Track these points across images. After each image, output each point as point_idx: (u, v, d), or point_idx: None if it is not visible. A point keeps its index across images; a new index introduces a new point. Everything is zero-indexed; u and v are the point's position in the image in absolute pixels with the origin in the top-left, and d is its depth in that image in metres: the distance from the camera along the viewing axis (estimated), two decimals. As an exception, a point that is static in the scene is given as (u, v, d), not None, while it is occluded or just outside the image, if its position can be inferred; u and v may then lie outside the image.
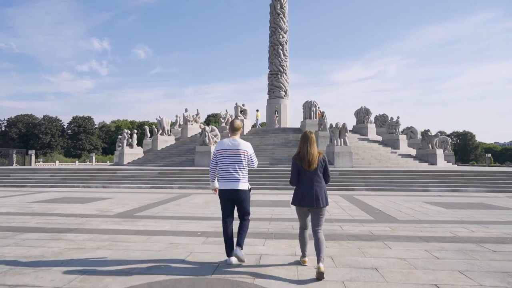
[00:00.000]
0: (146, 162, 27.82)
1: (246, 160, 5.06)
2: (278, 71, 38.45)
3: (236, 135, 5.20)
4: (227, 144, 5.05)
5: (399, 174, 19.76)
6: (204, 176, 20.13)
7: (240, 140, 5.11)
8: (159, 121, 32.40)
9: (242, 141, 5.13)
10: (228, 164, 4.96)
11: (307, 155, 4.72)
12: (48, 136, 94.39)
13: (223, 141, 5.14)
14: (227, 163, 4.97)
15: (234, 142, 5.07)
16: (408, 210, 10.84)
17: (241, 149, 5.02)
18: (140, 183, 19.30)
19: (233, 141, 5.08)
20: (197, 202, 12.76)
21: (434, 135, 28.29)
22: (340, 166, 23.26)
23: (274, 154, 26.06)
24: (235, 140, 5.10)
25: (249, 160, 5.11)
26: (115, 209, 10.92)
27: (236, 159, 4.98)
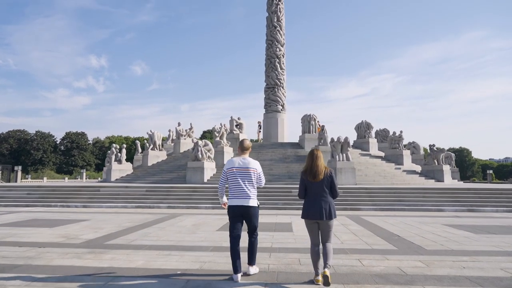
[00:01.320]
0: (135, 179, 26.06)
1: (256, 178, 5.25)
2: (275, 84, 37.14)
3: (246, 154, 5.41)
4: (237, 163, 5.24)
5: (408, 192, 18.16)
6: (196, 194, 18.42)
7: (249, 159, 5.32)
8: (150, 136, 30.76)
9: (251, 159, 5.33)
10: (239, 182, 5.13)
11: (312, 167, 4.92)
12: (40, 152, 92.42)
13: (233, 159, 5.33)
14: (237, 180, 5.14)
15: (244, 160, 5.27)
16: (431, 236, 9.21)
17: (251, 167, 5.23)
18: (125, 202, 17.54)
19: (243, 160, 5.28)
20: (184, 225, 11.06)
21: (440, 150, 26.87)
22: (343, 183, 21.65)
23: (271, 170, 24.44)
24: (245, 158, 5.30)
25: (258, 178, 5.28)
26: (86, 234, 9.20)
27: (246, 177, 5.17)
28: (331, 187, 4.95)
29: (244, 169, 5.18)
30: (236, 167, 5.19)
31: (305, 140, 28.91)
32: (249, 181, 5.17)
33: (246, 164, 5.22)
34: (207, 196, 18.05)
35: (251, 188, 5.16)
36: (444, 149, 26.91)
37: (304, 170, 5.04)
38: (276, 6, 38.85)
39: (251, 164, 5.26)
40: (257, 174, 5.27)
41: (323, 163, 5.00)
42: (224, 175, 5.31)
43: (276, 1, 39.03)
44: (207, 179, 23.17)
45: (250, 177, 5.18)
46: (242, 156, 5.36)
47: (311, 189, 4.91)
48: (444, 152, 26.83)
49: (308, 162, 5.04)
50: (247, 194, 5.10)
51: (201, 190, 18.94)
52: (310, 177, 4.89)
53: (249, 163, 5.24)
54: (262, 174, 5.35)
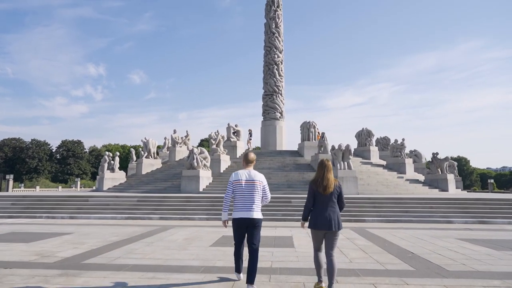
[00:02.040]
0: (128, 188, 25.04)
1: (261, 190, 5.33)
2: (273, 91, 36.40)
3: (250, 166, 5.51)
4: (243, 175, 5.33)
5: (414, 202, 17.25)
6: (190, 205, 17.44)
7: (255, 171, 5.43)
8: (144, 143, 29.79)
9: (257, 172, 5.44)
10: (244, 194, 5.21)
11: (323, 180, 4.94)
12: (35, 160, 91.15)
13: (239, 172, 5.39)
14: (243, 193, 5.22)
15: (250, 173, 5.37)
16: (448, 253, 8.28)
17: (257, 180, 5.31)
18: (114, 212, 16.54)
19: (249, 172, 5.38)
20: (175, 240, 10.08)
21: (444, 159, 26.02)
22: (344, 193, 20.62)
23: (270, 179, 23.46)
24: (250, 171, 5.41)
25: (263, 190, 5.37)
26: (63, 251, 8.22)
27: (252, 189, 5.24)
28: (339, 199, 5.05)
29: (250, 182, 5.28)
30: (242, 179, 5.28)
31: (304, 147, 28.02)
32: (255, 193, 5.25)
33: (252, 176, 5.33)
34: (202, 207, 17.07)
35: (256, 201, 5.24)
36: (448, 157, 26.07)
37: (315, 181, 5.05)
38: (274, 12, 38.35)
39: (257, 176, 5.37)
40: (262, 186, 5.36)
41: (332, 176, 5.07)
42: (230, 188, 5.37)
43: (274, 8, 38.54)
44: (202, 188, 22.20)
45: (255, 190, 5.25)
46: (247, 169, 5.48)
47: (320, 200, 4.98)
48: (448, 160, 25.99)
49: (319, 173, 5.05)
50: (252, 206, 5.18)
51: (195, 200, 17.98)
52: (320, 189, 4.94)
53: (254, 175, 5.36)
54: (267, 187, 5.48)
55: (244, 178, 5.30)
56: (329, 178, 4.96)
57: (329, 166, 5.07)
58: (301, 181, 22.91)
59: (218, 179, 23.91)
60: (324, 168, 5.03)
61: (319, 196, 4.97)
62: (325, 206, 4.93)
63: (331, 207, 4.94)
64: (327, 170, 5.01)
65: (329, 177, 4.96)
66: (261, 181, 5.37)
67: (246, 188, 5.24)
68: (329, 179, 4.94)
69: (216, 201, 17.70)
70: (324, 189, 4.92)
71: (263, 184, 5.38)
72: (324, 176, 4.97)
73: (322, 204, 4.95)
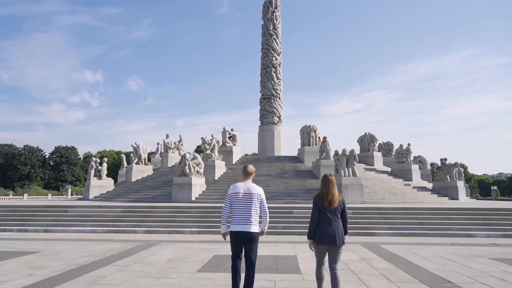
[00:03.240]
0: (116, 196, 23.28)
1: (258, 204, 5.25)
2: (271, 95, 34.86)
3: (249, 179, 5.42)
4: (241, 188, 5.25)
5: (428, 212, 15.62)
6: (180, 216, 15.72)
7: (253, 184, 5.34)
8: (134, 148, 28.06)
9: (255, 185, 5.35)
10: (242, 207, 5.15)
11: (328, 195, 5.00)
12: (27, 167, 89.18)
13: (237, 184, 5.32)
14: (240, 206, 5.16)
15: (248, 186, 5.28)
16: (493, 281, 6.66)
17: (254, 193, 5.23)
18: (95, 225, 14.80)
19: (247, 185, 5.29)
20: (157, 262, 8.37)
21: (453, 165, 24.48)
22: (349, 202, 19.07)
23: (269, 187, 21.81)
24: (248, 184, 5.31)
25: (261, 204, 5.28)
26: (11, 281, 6.53)
27: (249, 202, 5.17)
28: (342, 214, 5.09)
29: (248, 195, 5.20)
30: (239, 192, 5.22)
31: (304, 153, 26.40)
32: (252, 207, 5.17)
33: (249, 189, 5.24)
34: (193, 218, 15.36)
35: (253, 214, 5.17)
36: (457, 163, 24.51)
37: (320, 196, 5.08)
38: (272, 13, 37.02)
39: (255, 189, 5.27)
40: (260, 200, 5.27)
41: (337, 190, 5.10)
42: (228, 200, 5.29)
43: (272, 9, 37.24)
44: (195, 197, 20.48)
45: (253, 203, 5.18)
46: (245, 181, 5.38)
47: (324, 215, 4.99)
48: (457, 166, 24.43)
49: (323, 189, 5.09)
50: (249, 220, 5.12)
51: (186, 210, 16.26)
52: (326, 203, 4.98)
53: (252, 188, 5.26)
54: (265, 201, 5.37)
55: (242, 191, 5.22)
56: (334, 193, 5.00)
57: (333, 181, 5.09)
58: (302, 189, 21.25)
59: (212, 187, 22.21)
60: (329, 183, 5.05)
61: (323, 211, 4.99)
62: (329, 221, 4.95)
63: (335, 221, 4.97)
64: (332, 185, 5.04)
65: (334, 192, 5.00)
66: (259, 194, 5.26)
67: (243, 201, 5.16)
68: (334, 194, 4.99)
69: (210, 212, 16.01)
70: (329, 204, 4.95)
71: (260, 198, 5.27)
72: (329, 191, 5.00)
73: (326, 219, 4.97)
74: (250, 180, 5.42)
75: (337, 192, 5.09)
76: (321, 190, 5.12)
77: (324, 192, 5.04)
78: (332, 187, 5.03)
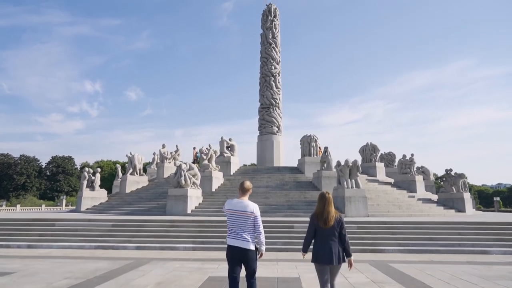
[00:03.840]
0: (108, 209, 22.28)
1: (252, 222, 5.08)
2: (270, 104, 34.12)
3: (246, 195, 5.26)
4: (235, 205, 5.14)
5: (438, 227, 14.71)
6: (174, 230, 14.77)
7: (247, 202, 5.16)
8: (129, 159, 27.12)
9: (250, 202, 5.17)
10: (235, 225, 5.08)
11: (323, 213, 4.94)
12: (23, 177, 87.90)
13: (232, 201, 5.24)
14: (234, 223, 5.09)
15: (242, 203, 5.14)
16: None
17: (248, 211, 5.06)
18: (83, 240, 13.83)
19: (241, 202, 5.15)
20: (144, 286, 7.44)
21: (459, 175, 23.63)
22: (353, 215, 18.16)
23: (268, 199, 20.90)
24: (243, 201, 5.17)
25: (254, 222, 5.08)
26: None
27: (242, 220, 5.06)
28: (340, 233, 4.97)
29: (242, 212, 5.07)
30: (234, 209, 5.12)
31: (305, 163, 25.51)
32: (246, 225, 5.06)
33: (244, 207, 5.10)
34: (188, 233, 14.41)
35: (247, 232, 5.06)
36: (463, 174, 23.65)
37: (316, 215, 5.05)
38: (271, 22, 36.55)
39: (249, 207, 5.09)
40: (253, 217, 5.08)
41: (333, 208, 5.04)
42: (225, 214, 5.27)
43: (271, 17, 36.79)
44: (191, 209, 19.52)
45: (246, 221, 5.06)
46: (241, 198, 5.25)
47: (321, 234, 4.96)
48: (463, 177, 23.57)
49: (319, 207, 5.05)
50: (243, 237, 5.02)
51: (181, 224, 15.31)
52: (321, 223, 4.93)
53: (247, 206, 5.11)
54: (259, 219, 5.15)
55: (236, 208, 5.11)
56: (330, 211, 4.95)
57: (329, 199, 5.04)
58: (303, 201, 20.32)
59: (209, 199, 21.27)
60: (325, 201, 5.01)
61: (320, 230, 4.96)
62: (326, 240, 4.91)
63: (332, 240, 4.92)
64: (328, 203, 4.99)
65: (329, 210, 4.95)
66: (253, 212, 5.09)
67: (237, 218, 5.08)
68: (329, 212, 4.93)
69: (206, 226, 15.08)
70: (325, 222, 4.91)
71: (254, 215, 5.09)
72: (325, 209, 4.95)
73: (323, 238, 4.94)
74: (246, 197, 5.26)
75: (334, 210, 5.03)
76: (317, 209, 5.05)
77: (320, 210, 4.98)
78: (328, 205, 4.97)
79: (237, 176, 25.56)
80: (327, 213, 4.92)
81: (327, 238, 4.90)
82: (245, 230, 5.04)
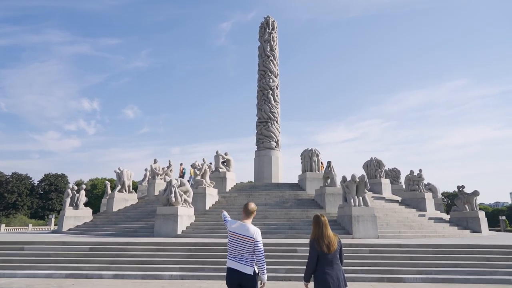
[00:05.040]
0: (92, 229, 20.33)
1: (252, 247, 4.85)
2: (268, 118, 32.62)
3: (250, 218, 5.09)
4: (237, 228, 4.97)
5: (462, 251, 12.91)
6: (160, 255, 12.88)
7: (249, 226, 4.97)
8: (118, 174, 25.29)
9: (251, 226, 4.97)
10: (236, 248, 4.88)
11: (324, 238, 4.75)
12: (14, 195, 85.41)
13: (235, 222, 5.07)
14: (234, 246, 4.90)
15: (244, 227, 4.95)
16: None
17: (249, 236, 4.87)
18: (52, 267, 11.90)
19: (243, 226, 4.97)
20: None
21: (472, 193, 21.94)
22: (361, 236, 16.34)
23: (267, 218, 19.05)
24: (245, 224, 4.99)
25: (255, 247, 4.83)
26: None
27: (243, 244, 4.86)
28: (341, 256, 4.86)
29: (242, 237, 4.87)
30: (235, 232, 4.93)
31: (306, 179, 23.74)
32: (246, 249, 4.85)
33: (245, 230, 4.90)
34: (176, 258, 12.54)
35: (247, 256, 4.84)
36: (477, 191, 21.93)
37: (316, 240, 4.80)
38: (269, 35, 35.50)
39: (249, 232, 4.88)
40: (254, 243, 4.83)
41: (331, 231, 4.88)
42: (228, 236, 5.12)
43: (269, 30, 35.75)
44: (182, 230, 17.61)
45: (246, 245, 4.84)
46: (244, 221, 5.06)
47: (324, 259, 4.72)
48: (477, 194, 21.83)
49: (316, 231, 4.86)
50: (243, 261, 4.84)
51: (168, 248, 13.43)
52: (324, 248, 4.70)
53: (247, 230, 4.90)
54: (260, 244, 4.86)
55: (237, 232, 4.91)
56: (330, 235, 4.79)
57: (325, 222, 4.87)
58: (305, 220, 18.47)
59: (203, 218, 19.38)
60: (322, 225, 4.83)
61: (323, 255, 4.72)
62: (331, 265, 4.71)
63: (336, 264, 4.75)
64: (325, 226, 4.82)
65: (329, 234, 4.79)
66: (253, 237, 4.84)
67: (238, 242, 4.87)
68: (330, 236, 4.77)
69: (197, 250, 13.23)
70: (328, 248, 4.70)
71: (255, 241, 4.84)
72: (324, 233, 4.78)
73: (327, 263, 4.71)
74: (250, 220, 5.07)
75: (332, 233, 4.87)
76: (315, 233, 4.86)
77: (318, 235, 4.80)
78: (326, 229, 4.81)
79: (233, 193, 23.73)
80: (328, 237, 4.75)
81: (332, 263, 4.70)
82: (245, 254, 4.83)
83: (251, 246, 4.83)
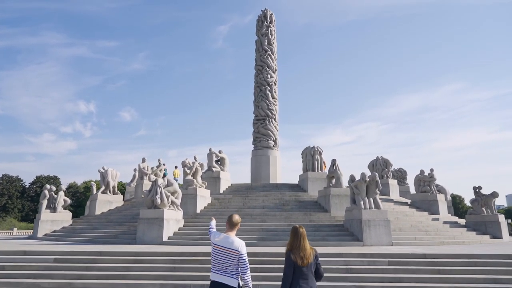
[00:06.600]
0: (70, 235, 18.18)
1: (237, 260, 4.75)
2: (265, 115, 30.60)
3: (233, 230, 4.96)
4: (221, 241, 4.84)
5: (497, 262, 10.90)
6: (138, 268, 10.75)
7: (234, 238, 4.85)
8: (102, 174, 23.13)
9: (236, 239, 4.86)
10: (219, 261, 4.78)
11: (300, 250, 4.67)
12: (4, 197, 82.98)
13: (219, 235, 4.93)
14: (218, 259, 4.80)
15: (228, 239, 4.83)
16: None
17: (234, 249, 4.76)
18: (6, 284, 9.79)
19: (227, 238, 4.84)
20: None
21: (491, 194, 20.03)
22: (373, 243, 14.31)
23: (265, 222, 16.99)
24: (229, 237, 4.86)
25: (240, 261, 4.74)
26: None
27: (227, 257, 4.74)
28: (317, 268, 4.75)
29: (226, 249, 4.75)
30: (218, 245, 4.82)
31: (308, 180, 21.70)
32: (230, 262, 4.73)
33: (229, 244, 4.78)
34: (156, 272, 10.44)
35: (231, 269, 4.74)
36: (496, 192, 19.97)
37: (292, 251, 4.67)
38: (267, 28, 33.57)
39: (234, 245, 4.76)
40: (239, 256, 4.72)
41: (308, 244, 4.77)
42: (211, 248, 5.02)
43: (266, 23, 33.83)
44: (168, 236, 15.50)
45: (231, 259, 4.72)
46: (228, 233, 4.92)
47: (299, 272, 4.62)
48: (497, 196, 19.88)
49: (293, 243, 4.73)
50: (227, 273, 4.73)
51: (148, 259, 11.30)
52: (298, 260, 4.61)
53: (232, 243, 4.78)
54: (245, 257, 4.76)
55: (221, 244, 4.78)
56: (306, 247, 4.69)
57: (303, 234, 4.76)
58: (308, 225, 16.36)
59: (192, 223, 17.27)
60: (300, 237, 4.71)
61: (297, 267, 4.61)
62: (305, 279, 4.61)
63: (311, 278, 4.65)
64: (303, 238, 4.72)
65: (305, 247, 4.69)
66: (238, 250, 4.70)
67: (222, 255, 4.75)
68: (306, 249, 4.67)
69: (183, 261, 11.13)
70: (302, 260, 4.60)
71: (239, 254, 4.70)
72: (301, 245, 4.66)
73: (302, 276, 4.61)
74: (233, 232, 4.91)
75: (309, 246, 4.76)
76: (291, 245, 4.70)
77: (295, 246, 4.66)
78: (303, 241, 4.70)
79: (227, 195, 21.63)
80: (304, 249, 4.63)
81: (307, 276, 4.60)
82: (229, 268, 4.73)
83: (236, 259, 4.72)
